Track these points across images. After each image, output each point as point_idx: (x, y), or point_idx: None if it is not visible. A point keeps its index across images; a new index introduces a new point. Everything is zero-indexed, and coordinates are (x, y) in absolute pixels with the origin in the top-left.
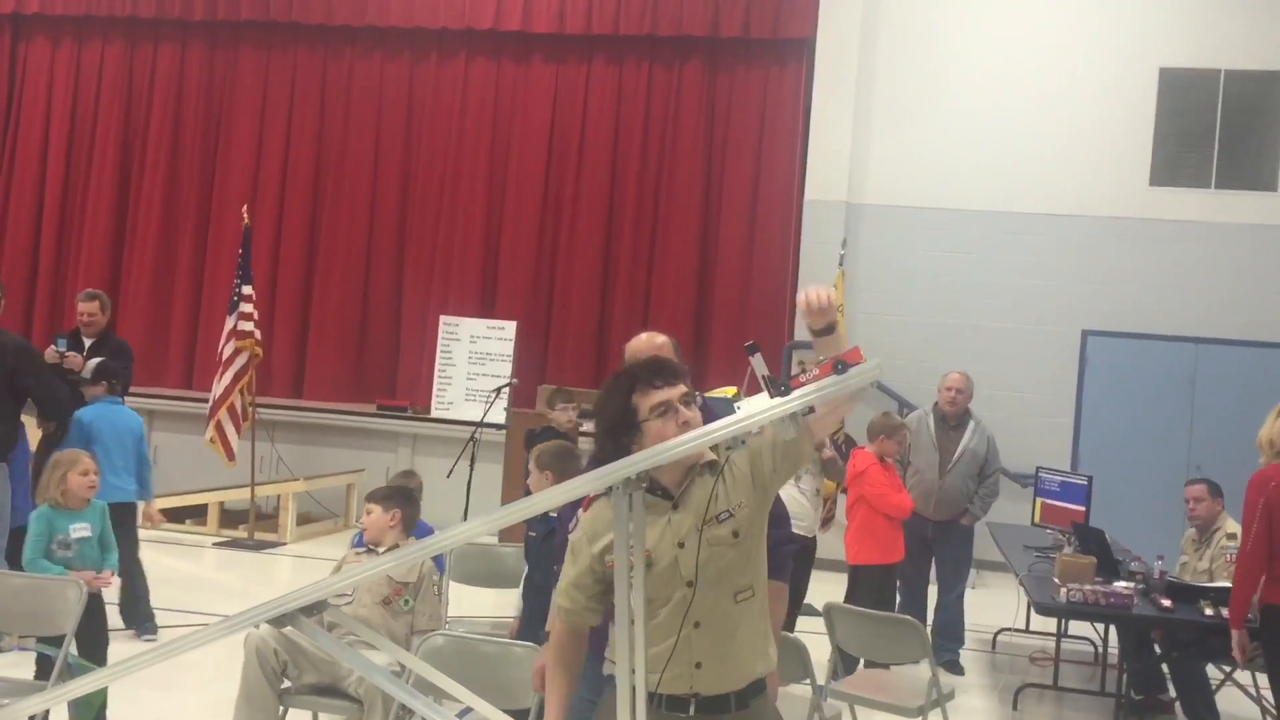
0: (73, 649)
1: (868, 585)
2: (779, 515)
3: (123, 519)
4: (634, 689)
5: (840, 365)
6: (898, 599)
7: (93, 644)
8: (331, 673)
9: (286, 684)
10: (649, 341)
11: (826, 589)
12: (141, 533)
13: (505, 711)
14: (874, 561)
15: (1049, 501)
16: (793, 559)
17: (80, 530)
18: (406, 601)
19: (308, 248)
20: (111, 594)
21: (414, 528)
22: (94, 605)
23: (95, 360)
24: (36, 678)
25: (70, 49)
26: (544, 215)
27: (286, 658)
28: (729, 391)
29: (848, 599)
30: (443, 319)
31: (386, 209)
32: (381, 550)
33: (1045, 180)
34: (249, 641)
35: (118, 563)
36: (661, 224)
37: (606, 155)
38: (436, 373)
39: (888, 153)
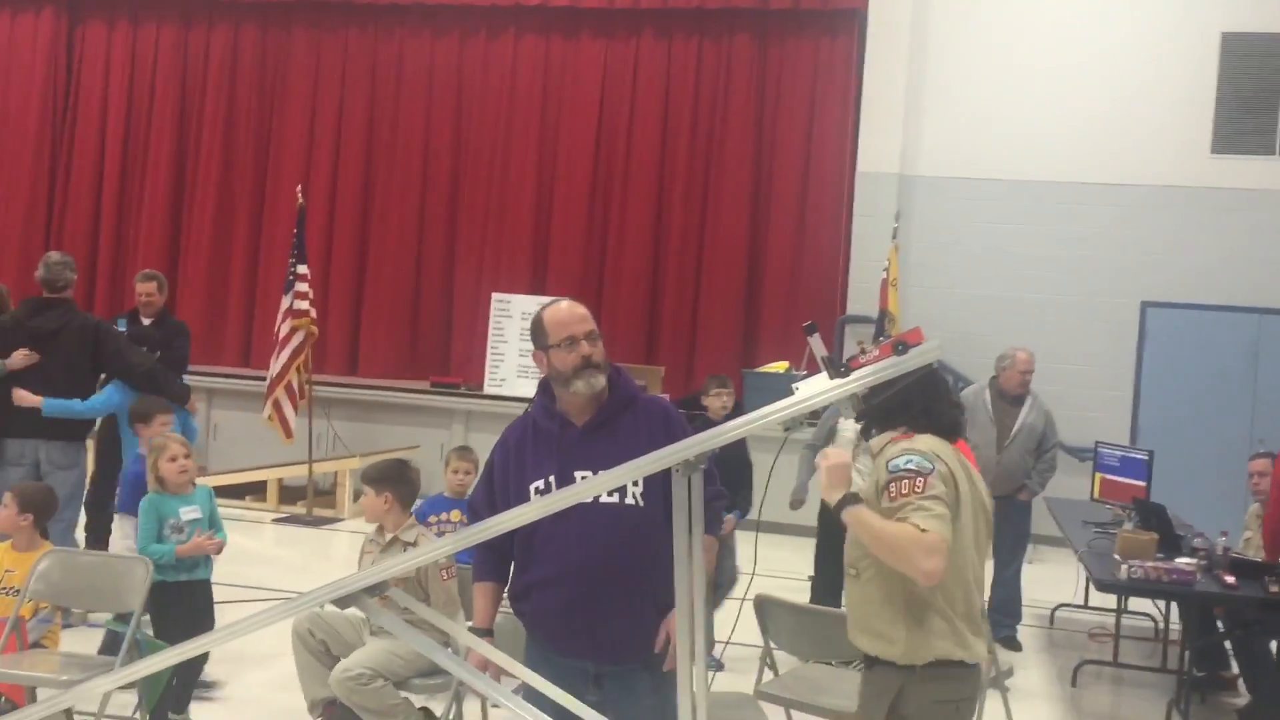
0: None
1: None
2: (709, 472)
3: None
4: (692, 667)
5: (900, 345)
6: None
7: (191, 628)
8: (356, 646)
9: (338, 653)
10: (571, 310)
11: None
12: None
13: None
14: None
15: (1108, 477)
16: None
17: (191, 513)
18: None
19: (361, 226)
20: None
21: (412, 505)
22: (200, 590)
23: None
24: (101, 653)
25: (126, 31)
26: (594, 191)
27: (324, 637)
28: (780, 367)
29: None
30: (495, 296)
31: (438, 186)
32: (386, 538)
33: (1103, 149)
34: (293, 628)
35: (225, 540)
36: (712, 199)
37: (656, 130)
38: (489, 349)
39: (941, 124)
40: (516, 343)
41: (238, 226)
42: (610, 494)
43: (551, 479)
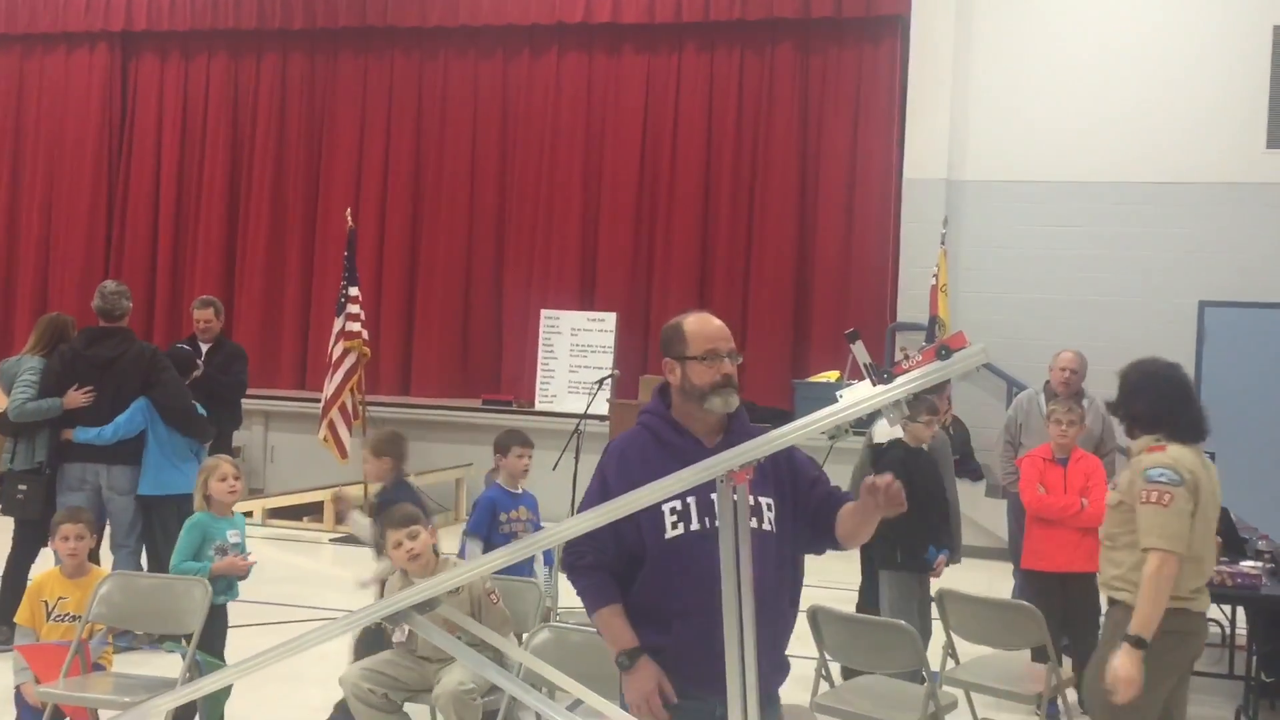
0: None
1: (1037, 593)
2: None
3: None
4: (743, 677)
5: (944, 351)
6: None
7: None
8: (427, 685)
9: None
10: (716, 324)
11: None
12: (264, 529)
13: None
14: (1034, 567)
15: None
16: None
17: (236, 536)
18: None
19: (410, 247)
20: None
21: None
22: (221, 614)
23: None
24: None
25: (178, 64)
26: (640, 205)
27: (384, 690)
28: (831, 376)
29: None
30: (543, 312)
31: (485, 205)
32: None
33: (1154, 148)
34: (345, 687)
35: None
36: (758, 209)
37: (700, 143)
38: (539, 366)
39: (988, 127)
40: (566, 358)
41: (290, 251)
42: (750, 518)
43: (690, 501)
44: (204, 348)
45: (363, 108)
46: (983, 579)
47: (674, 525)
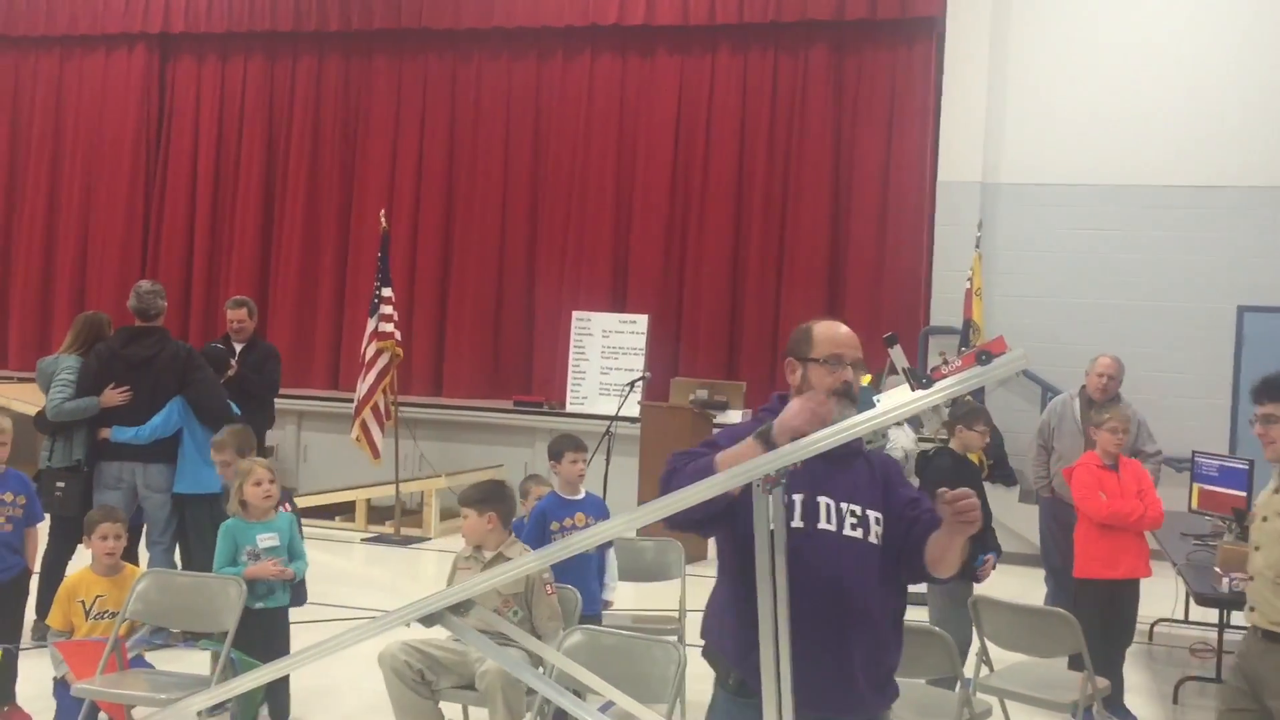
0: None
1: (1090, 600)
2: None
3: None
4: (779, 687)
5: (984, 355)
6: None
7: (265, 656)
8: (463, 674)
9: (433, 680)
10: (846, 332)
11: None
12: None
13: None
14: (1095, 575)
15: (1207, 487)
16: None
17: (268, 540)
18: (516, 613)
19: (443, 249)
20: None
21: (510, 524)
22: (273, 619)
23: None
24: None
25: (215, 65)
26: (672, 207)
27: (421, 667)
28: (864, 380)
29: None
30: (575, 314)
31: (518, 207)
32: (488, 554)
33: (1193, 151)
34: (384, 661)
35: (306, 568)
36: (791, 212)
37: (733, 145)
38: (570, 367)
39: (1024, 129)
40: (598, 360)
41: (324, 252)
42: (854, 529)
43: (798, 499)
44: (238, 347)
45: (397, 109)
46: (1016, 585)
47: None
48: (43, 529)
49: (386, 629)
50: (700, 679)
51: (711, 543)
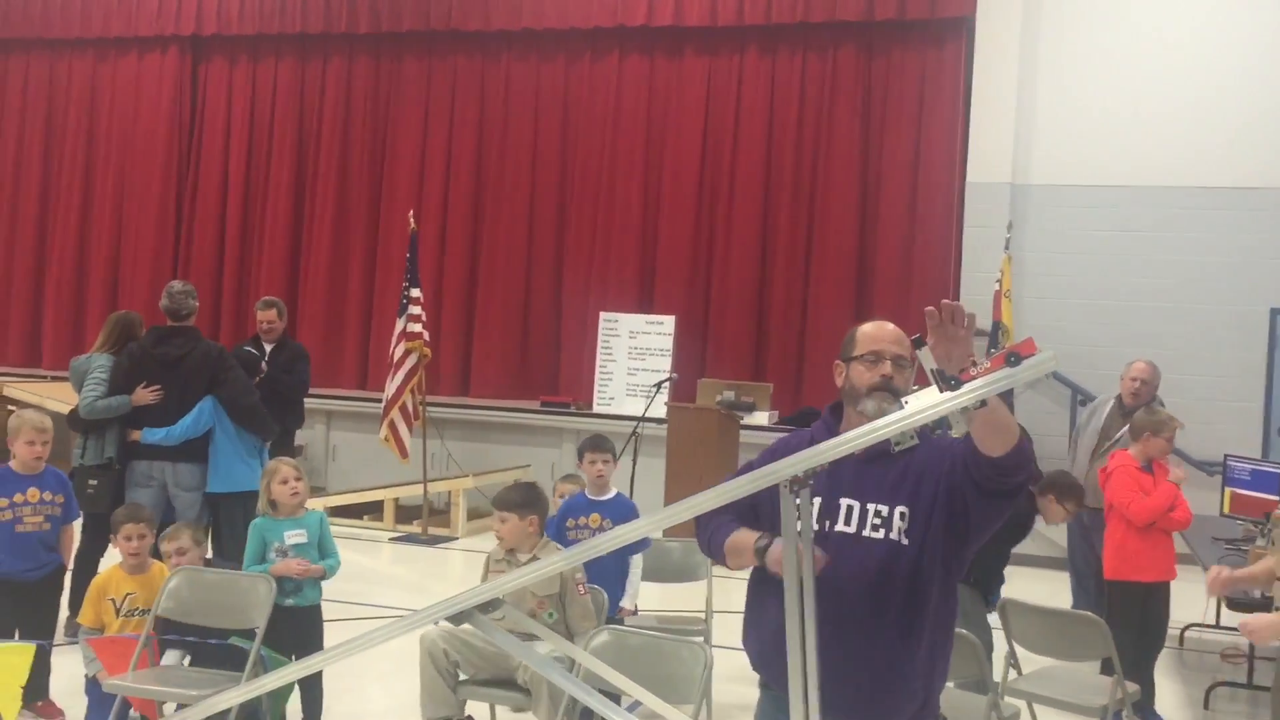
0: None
1: (1124, 604)
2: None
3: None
4: (806, 693)
5: (1013, 357)
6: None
7: (298, 652)
8: (501, 666)
9: (463, 677)
10: (886, 329)
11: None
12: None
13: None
14: (1128, 578)
15: (1239, 491)
16: None
17: (295, 537)
18: (551, 614)
19: (471, 249)
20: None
21: (545, 528)
22: (305, 616)
23: None
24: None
25: (246, 68)
26: (700, 209)
27: (457, 657)
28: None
29: (1107, 618)
30: (602, 315)
31: (545, 209)
32: (523, 557)
33: (1226, 151)
34: (423, 644)
35: (338, 567)
36: (819, 213)
37: (761, 146)
38: (598, 368)
39: (1054, 129)
40: (625, 361)
41: (353, 252)
42: (875, 529)
43: (816, 501)
44: (268, 348)
45: (426, 111)
46: (1044, 589)
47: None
48: (77, 526)
49: (416, 627)
50: (726, 680)
51: None
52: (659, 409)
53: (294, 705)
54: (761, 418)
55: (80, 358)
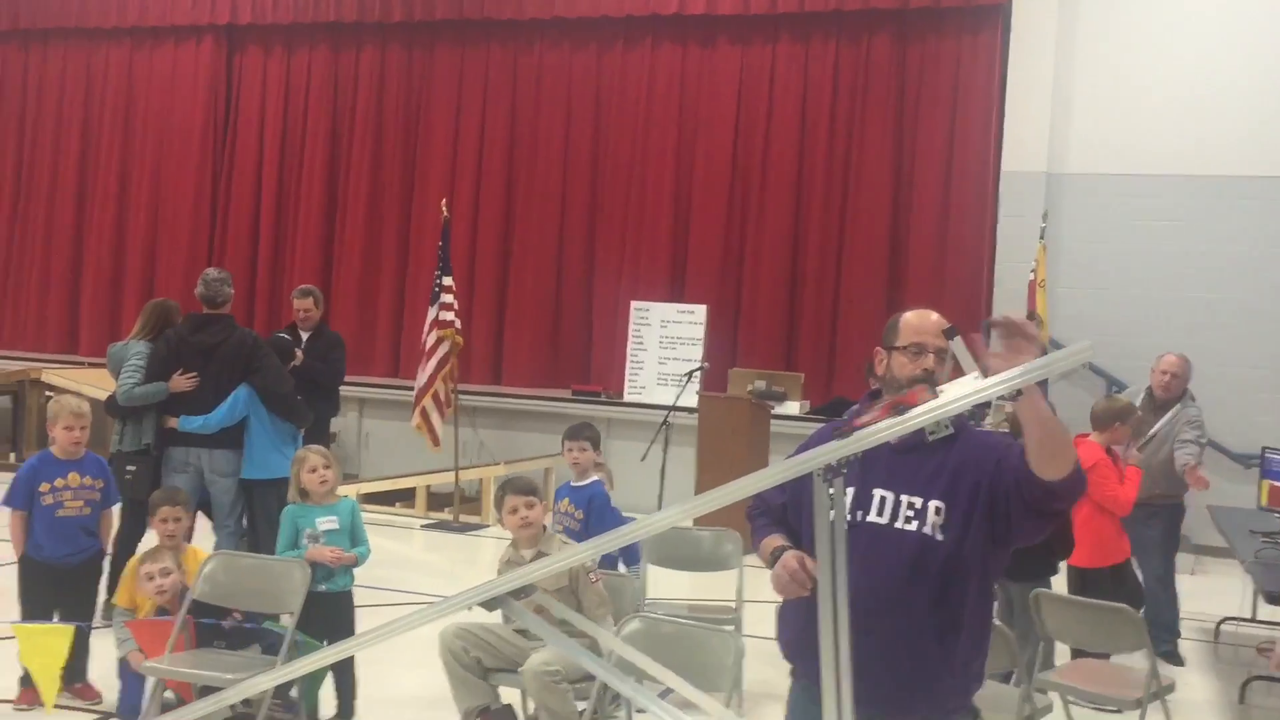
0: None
1: (1098, 589)
2: None
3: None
4: (839, 687)
5: (900, 407)
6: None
7: (329, 638)
8: (516, 660)
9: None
10: (931, 319)
11: None
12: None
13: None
14: (1100, 564)
15: (1277, 484)
16: None
17: (328, 524)
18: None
19: (502, 238)
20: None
21: None
22: (336, 601)
23: None
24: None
25: (281, 56)
26: (732, 198)
27: (477, 653)
28: None
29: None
30: (634, 304)
31: (577, 196)
32: (527, 553)
33: (1265, 140)
34: (441, 640)
35: (368, 554)
36: (851, 202)
37: (793, 134)
38: (629, 357)
39: (1091, 118)
40: (656, 350)
41: (386, 241)
42: (909, 521)
43: (856, 489)
44: (304, 336)
45: (458, 99)
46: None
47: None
48: (116, 511)
49: (449, 613)
50: (757, 669)
51: None
52: (690, 398)
53: (327, 691)
54: (793, 407)
55: (118, 345)
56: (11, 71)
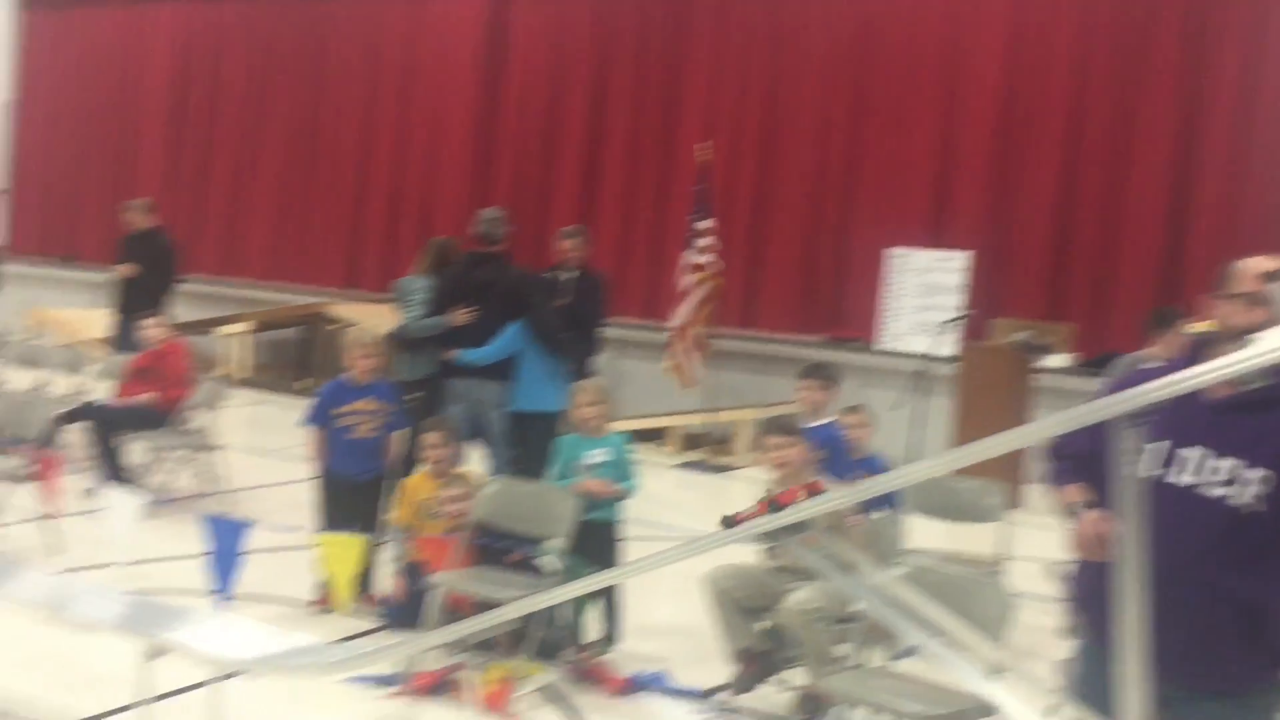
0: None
1: None
2: None
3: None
4: (1137, 656)
5: (774, 505)
6: None
7: (598, 563)
8: (772, 601)
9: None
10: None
11: None
12: None
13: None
14: None
15: None
16: None
17: (597, 456)
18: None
19: (759, 180)
20: None
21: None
22: (598, 530)
23: None
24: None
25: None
26: (997, 139)
27: (746, 593)
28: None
29: None
30: (892, 250)
31: (835, 138)
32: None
33: None
34: (711, 583)
35: (635, 489)
36: (1132, 142)
37: (1069, 72)
38: (885, 304)
39: None
40: (913, 298)
41: (643, 182)
42: (1223, 486)
43: (1163, 446)
44: (569, 275)
45: (718, 41)
46: None
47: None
48: (400, 435)
49: (713, 548)
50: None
51: (1032, 493)
52: (948, 347)
53: (592, 616)
54: (1059, 360)
55: (404, 279)
56: (301, 29)
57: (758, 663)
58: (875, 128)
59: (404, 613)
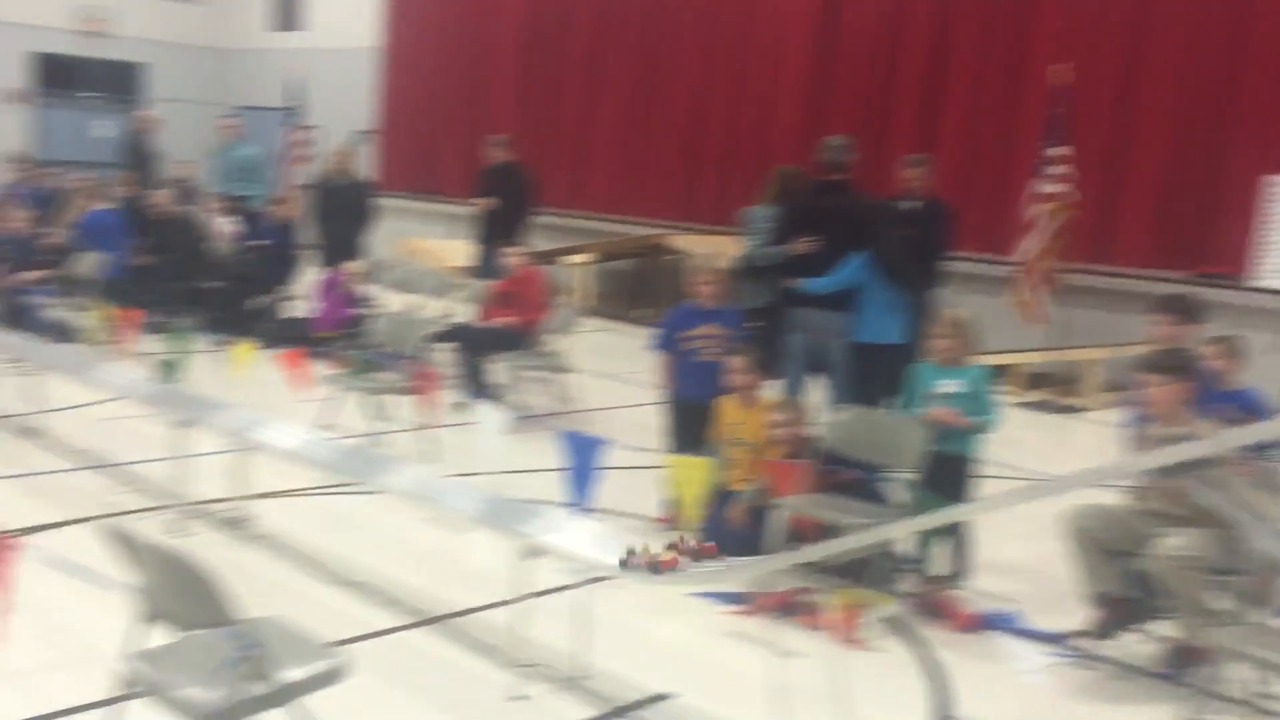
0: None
1: None
2: None
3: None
4: None
5: (655, 567)
6: None
7: (948, 495)
8: (1138, 545)
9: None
10: None
11: None
12: None
13: None
14: None
15: None
16: None
17: (947, 386)
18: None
19: (1115, 103)
20: None
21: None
22: (949, 463)
23: None
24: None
25: None
26: None
27: (1106, 535)
28: None
29: None
30: (1272, 178)
31: (1209, 55)
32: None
33: None
34: (1072, 524)
35: (993, 424)
36: None
37: None
38: (1262, 237)
39: None
40: None
41: (988, 108)
42: None
43: None
44: (911, 205)
45: None
46: None
47: None
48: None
49: (1077, 488)
50: None
51: None
52: None
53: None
54: None
55: (749, 208)
56: None
57: (1120, 609)
58: (1257, 40)
59: (734, 535)
